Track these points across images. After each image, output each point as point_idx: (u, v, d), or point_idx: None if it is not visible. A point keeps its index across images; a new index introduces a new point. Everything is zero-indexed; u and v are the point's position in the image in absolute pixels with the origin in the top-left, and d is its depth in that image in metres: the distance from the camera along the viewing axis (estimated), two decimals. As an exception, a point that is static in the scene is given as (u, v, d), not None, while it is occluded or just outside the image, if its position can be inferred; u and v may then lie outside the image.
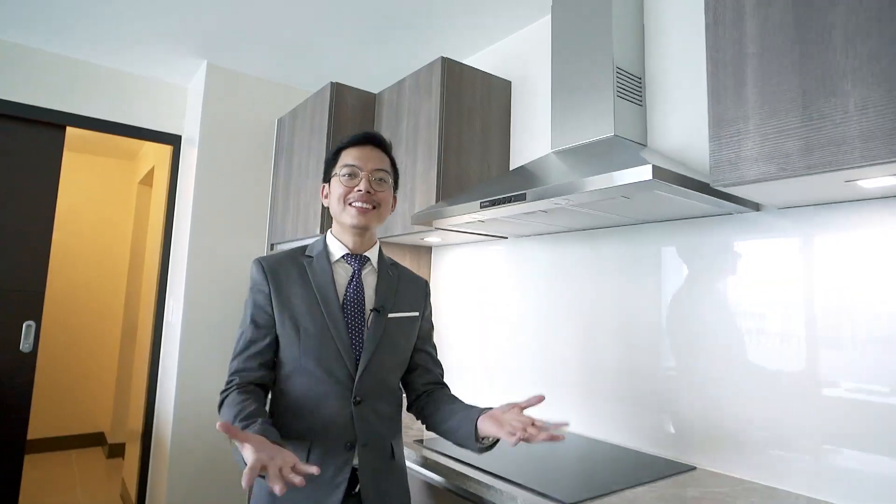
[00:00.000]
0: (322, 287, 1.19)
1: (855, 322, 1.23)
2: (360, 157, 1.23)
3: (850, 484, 1.21)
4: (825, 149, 1.00)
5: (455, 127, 2.07)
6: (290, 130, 2.70)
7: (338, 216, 1.24)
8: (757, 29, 1.12)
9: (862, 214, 1.23)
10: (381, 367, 1.20)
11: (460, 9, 2.14)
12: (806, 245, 1.33)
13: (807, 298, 1.31)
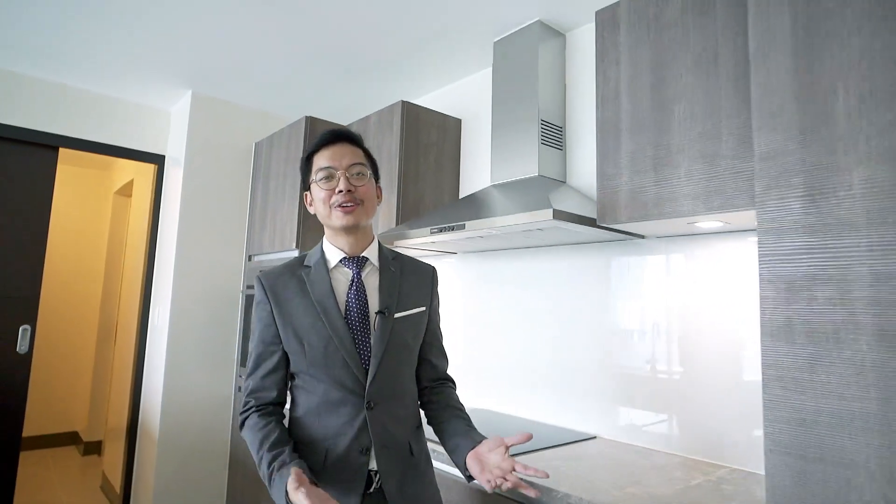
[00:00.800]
0: (321, 298, 1.17)
1: (697, 315, 1.66)
2: (332, 157, 1.19)
3: (633, 429, 1.63)
4: (667, 203, 1.42)
5: (413, 159, 2.44)
6: (268, 154, 3.02)
7: (326, 221, 1.21)
8: (629, 110, 1.54)
9: (702, 243, 1.66)
10: (392, 369, 1.19)
11: (418, 57, 2.51)
12: (669, 261, 1.75)
13: (668, 297, 1.74)
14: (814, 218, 0.95)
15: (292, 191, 2.70)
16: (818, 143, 0.96)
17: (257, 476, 2.68)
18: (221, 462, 3.02)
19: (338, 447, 1.13)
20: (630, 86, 1.54)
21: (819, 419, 0.92)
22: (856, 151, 0.91)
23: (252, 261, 3.07)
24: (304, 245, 2.62)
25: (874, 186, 0.89)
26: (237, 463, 2.93)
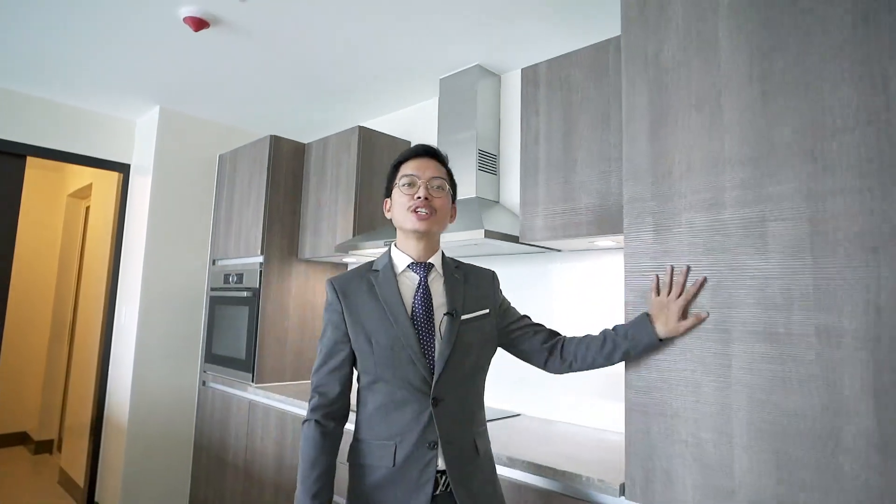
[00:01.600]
0: (389, 300, 1.24)
1: (596, 309, 2.08)
2: (417, 167, 1.28)
3: (551, 407, 2.05)
4: (571, 227, 1.82)
5: (368, 177, 2.78)
6: (232, 166, 3.28)
7: (401, 224, 1.27)
8: (545, 153, 1.94)
9: (601, 256, 2.09)
10: (458, 368, 1.24)
11: (373, 86, 2.84)
12: (579, 268, 2.17)
13: (578, 296, 2.16)
14: (658, 245, 1.36)
15: (257, 201, 2.97)
16: (662, 195, 1.37)
17: (220, 462, 2.95)
18: (187, 450, 3.26)
19: (406, 443, 1.18)
20: (546, 134, 1.94)
21: (660, 386, 1.33)
22: (683, 202, 1.33)
23: (216, 265, 3.31)
24: (269, 251, 2.90)
25: (694, 227, 1.30)
26: (201, 449, 3.17)
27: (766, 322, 1.18)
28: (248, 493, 2.72)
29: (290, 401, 2.51)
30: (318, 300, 3.12)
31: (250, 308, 2.91)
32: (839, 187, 1.11)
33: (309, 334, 3.07)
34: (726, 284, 1.24)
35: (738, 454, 1.19)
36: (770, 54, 1.23)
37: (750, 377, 1.19)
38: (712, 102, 1.31)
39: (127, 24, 2.27)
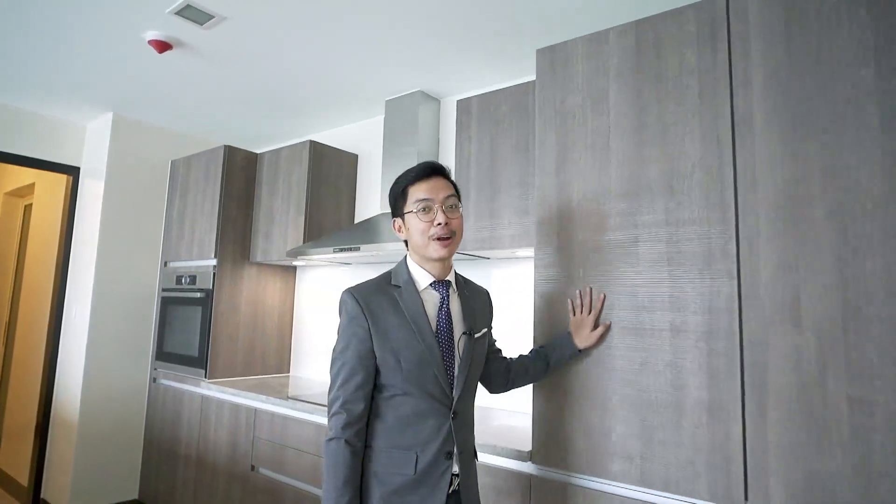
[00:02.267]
0: (416, 318, 1.28)
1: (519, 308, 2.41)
2: (430, 190, 1.30)
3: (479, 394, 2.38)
4: (496, 239, 2.14)
5: (317, 188, 3.01)
6: (185, 172, 3.42)
7: (422, 250, 1.31)
8: (475, 175, 2.25)
9: (523, 263, 2.42)
10: (472, 383, 1.35)
11: (324, 103, 3.07)
12: (504, 273, 2.50)
13: (502, 298, 2.49)
14: (560, 259, 1.69)
15: (211, 207, 3.15)
16: (564, 218, 1.70)
17: (171, 454, 3.11)
18: (137, 444, 3.38)
19: (427, 453, 1.24)
20: (476, 158, 2.26)
21: (558, 373, 1.65)
22: (579, 225, 1.66)
23: (168, 266, 3.45)
24: (222, 255, 3.08)
25: (586, 245, 1.64)
26: (151, 443, 3.31)
27: (635, 320, 1.53)
28: (200, 481, 2.90)
29: (242, 394, 2.72)
30: (268, 300, 3.33)
31: (203, 308, 3.08)
32: (688, 217, 1.47)
33: (259, 332, 3.27)
34: (608, 291, 1.59)
35: (614, 424, 1.53)
36: (643, 111, 1.58)
37: (623, 363, 1.54)
38: (603, 145, 1.65)
39: (92, 41, 2.42)
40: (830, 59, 1.32)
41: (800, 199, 1.32)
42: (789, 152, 1.35)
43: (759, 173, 1.39)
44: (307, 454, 2.38)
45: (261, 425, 2.61)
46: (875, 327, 1.20)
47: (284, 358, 3.41)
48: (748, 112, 1.42)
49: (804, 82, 1.35)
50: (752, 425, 1.33)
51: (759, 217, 1.37)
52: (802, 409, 1.27)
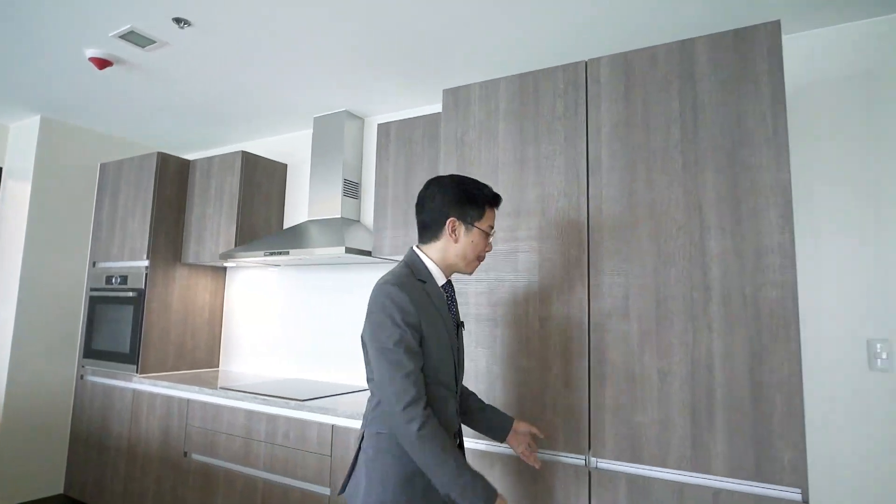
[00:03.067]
0: (442, 311, 1.39)
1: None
2: (495, 219, 1.52)
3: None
4: (407, 246, 2.50)
5: (249, 194, 3.24)
6: (116, 175, 3.54)
7: (461, 261, 1.44)
8: (392, 192, 2.59)
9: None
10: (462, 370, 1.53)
11: (255, 115, 3.31)
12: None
13: (422, 305, 2.85)
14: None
15: (143, 211, 3.30)
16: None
17: (99, 448, 3.24)
18: (63, 441, 3.46)
19: (448, 433, 1.37)
20: (394, 176, 2.60)
21: (456, 357, 2.03)
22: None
23: (97, 267, 3.55)
24: (154, 256, 3.25)
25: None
26: (78, 438, 3.40)
27: (514, 313, 1.93)
28: (130, 471, 3.06)
29: (176, 386, 2.92)
30: (199, 299, 3.51)
31: (135, 307, 3.23)
32: (554, 234, 1.89)
33: (190, 329, 3.45)
34: (496, 291, 1.98)
35: (500, 395, 1.93)
36: (525, 147, 1.99)
37: (503, 349, 1.94)
38: (494, 172, 2.04)
39: (31, 52, 2.54)
40: (652, 119, 1.77)
41: (630, 223, 1.76)
42: (625, 188, 1.79)
43: (603, 203, 1.82)
44: (238, 438, 2.63)
45: (193, 414, 2.83)
46: (675, 318, 1.66)
47: (214, 353, 3.61)
48: (598, 154, 1.85)
49: (635, 134, 1.79)
50: (594, 392, 1.76)
51: (602, 235, 1.81)
52: (628, 378, 1.71)
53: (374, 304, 1.33)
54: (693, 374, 1.63)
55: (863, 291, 2.00)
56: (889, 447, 1.91)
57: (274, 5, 2.07)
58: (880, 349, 1.92)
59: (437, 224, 1.43)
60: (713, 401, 1.60)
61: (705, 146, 1.69)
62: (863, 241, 2.01)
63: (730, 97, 1.68)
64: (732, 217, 1.63)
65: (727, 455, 1.56)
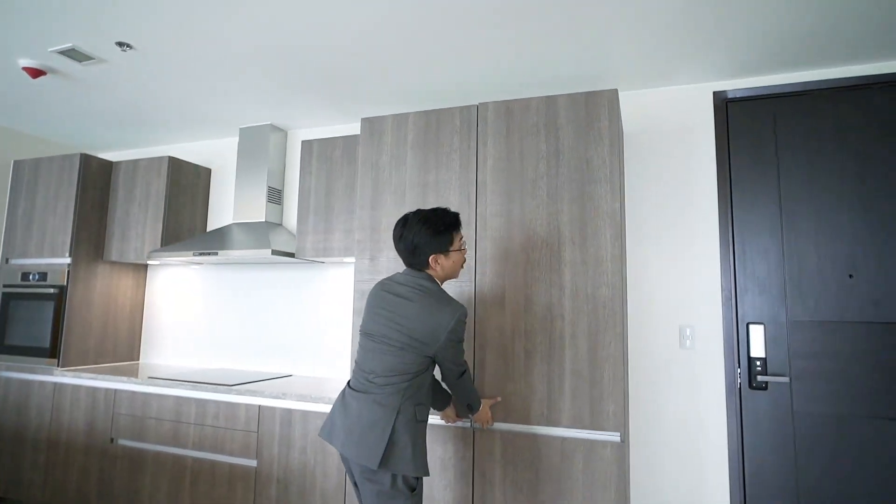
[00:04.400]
0: None
1: (341, 304, 3.18)
2: (461, 234, 2.03)
3: (314, 368, 3.15)
4: (329, 250, 2.88)
5: (175, 196, 3.46)
6: (33, 173, 3.59)
7: (453, 275, 1.95)
8: (314, 202, 2.96)
9: (348, 266, 3.19)
10: None
11: (181, 121, 3.51)
12: (337, 274, 3.24)
13: (332, 294, 3.23)
14: (372, 267, 2.49)
15: (65, 210, 3.41)
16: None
17: (15, 441, 3.32)
18: None
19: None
20: (315, 189, 2.97)
21: (369, 343, 2.45)
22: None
23: (9, 263, 3.59)
24: (76, 254, 3.38)
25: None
26: None
27: (417, 308, 2.38)
28: (51, 461, 3.19)
29: (102, 377, 3.10)
30: (120, 296, 3.66)
31: (55, 302, 3.35)
32: (450, 244, 2.36)
33: (111, 325, 3.60)
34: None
35: (403, 374, 2.36)
36: (427, 173, 2.44)
37: (409, 335, 2.38)
38: (402, 193, 2.48)
39: (-45, 58, 2.64)
40: (525, 156, 2.29)
41: (506, 237, 2.27)
42: (504, 209, 2.29)
43: (487, 220, 2.32)
44: (168, 422, 2.89)
45: (121, 403, 3.03)
46: (536, 310, 2.18)
47: (135, 347, 3.77)
48: (484, 181, 2.34)
49: (513, 167, 2.30)
50: (478, 368, 2.26)
51: (486, 247, 2.30)
52: (502, 355, 2.22)
53: (451, 315, 1.83)
54: (550, 351, 2.17)
55: (675, 290, 2.64)
56: (692, 402, 2.55)
57: (206, 35, 2.37)
58: (688, 333, 2.57)
59: (422, 260, 1.89)
60: (563, 371, 2.14)
61: (563, 180, 2.23)
62: (675, 254, 2.66)
63: (581, 143, 2.23)
64: (580, 234, 2.18)
65: (571, 411, 2.11)
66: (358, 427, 1.77)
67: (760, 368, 2.43)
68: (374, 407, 1.78)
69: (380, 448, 1.72)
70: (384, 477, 1.75)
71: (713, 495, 2.46)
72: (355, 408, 1.81)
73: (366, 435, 1.75)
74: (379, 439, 1.73)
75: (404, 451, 1.74)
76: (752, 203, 2.54)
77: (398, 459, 1.73)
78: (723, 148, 2.61)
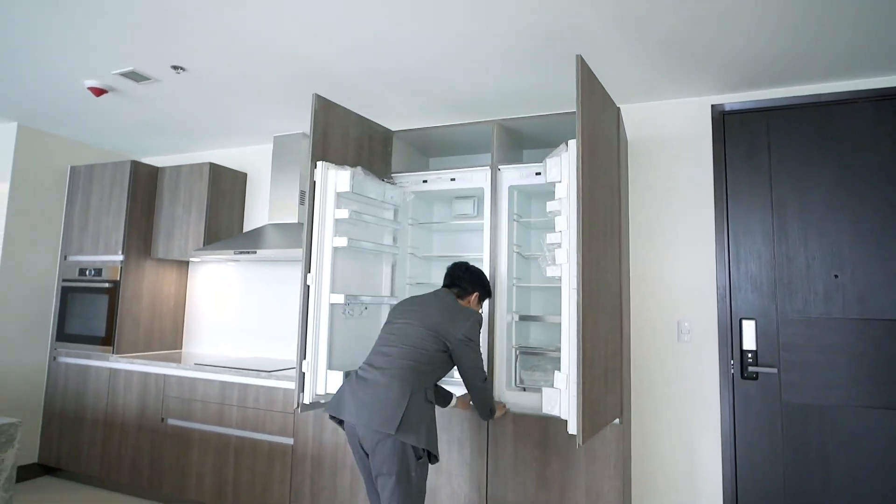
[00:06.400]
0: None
1: (378, 304, 3.46)
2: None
3: (372, 361, 3.44)
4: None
5: (214, 199, 3.78)
6: (88, 178, 3.95)
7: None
8: (344, 203, 3.25)
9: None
10: None
11: (221, 130, 3.82)
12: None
13: (365, 295, 3.52)
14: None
15: (117, 211, 3.76)
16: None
17: (75, 420, 3.68)
18: (36, 416, 3.86)
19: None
20: (345, 192, 3.26)
21: (395, 334, 2.73)
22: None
23: (68, 260, 3.95)
24: (128, 252, 3.72)
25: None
26: (52, 413, 3.82)
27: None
28: (108, 439, 3.54)
29: (154, 364, 3.43)
30: (165, 289, 4.00)
31: (110, 296, 3.69)
32: (467, 245, 2.62)
33: (158, 316, 3.94)
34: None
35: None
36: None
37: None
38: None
39: (27, 77, 2.97)
40: (536, 167, 2.53)
41: (519, 239, 2.52)
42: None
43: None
44: (213, 404, 3.21)
45: (170, 387, 3.36)
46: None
47: (178, 337, 4.11)
48: (499, 189, 2.60)
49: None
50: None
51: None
52: (514, 347, 2.48)
53: (467, 316, 2.16)
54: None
55: (674, 287, 2.86)
56: (689, 390, 2.78)
57: (249, 57, 2.65)
58: (686, 327, 2.80)
59: (467, 292, 2.30)
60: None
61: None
62: (674, 254, 2.88)
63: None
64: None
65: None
66: (375, 398, 1.96)
67: (752, 360, 2.65)
68: (392, 381, 1.98)
69: (397, 415, 1.91)
70: (396, 444, 1.91)
71: (707, 474, 2.70)
72: (371, 381, 2.01)
73: (384, 403, 1.94)
74: (395, 407, 1.92)
75: (419, 426, 1.94)
76: (747, 207, 2.75)
77: (412, 430, 1.92)
78: (720, 156, 2.82)
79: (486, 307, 2.57)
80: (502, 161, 2.72)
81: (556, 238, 2.09)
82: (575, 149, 1.93)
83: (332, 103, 2.56)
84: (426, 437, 1.96)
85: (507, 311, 2.60)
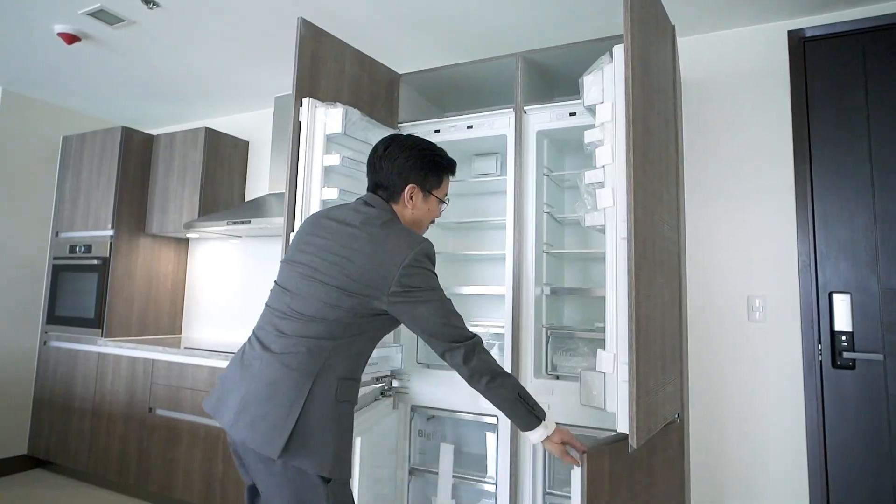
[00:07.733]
0: None
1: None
2: (449, 187, 1.51)
3: (382, 346, 3.01)
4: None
5: (211, 168, 3.41)
6: (79, 148, 3.64)
7: (420, 224, 1.46)
8: (348, 164, 2.82)
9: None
10: None
11: (219, 94, 3.46)
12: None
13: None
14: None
15: (108, 183, 3.43)
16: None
17: (64, 409, 3.38)
18: (26, 404, 3.58)
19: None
20: (349, 151, 2.84)
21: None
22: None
23: (59, 237, 3.66)
24: (119, 226, 3.39)
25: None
26: (42, 401, 3.53)
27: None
28: (96, 429, 3.22)
29: (141, 347, 3.09)
30: (162, 268, 3.67)
31: (99, 274, 3.37)
32: (487, 203, 2.16)
33: (153, 297, 3.61)
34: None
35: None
36: (462, 127, 2.25)
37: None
38: (436, 149, 2.30)
39: (8, 44, 2.66)
40: (570, 103, 2.06)
41: (550, 192, 2.05)
42: (546, 162, 2.07)
43: (528, 174, 2.10)
44: (202, 392, 2.83)
45: (158, 373, 3.01)
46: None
47: (177, 321, 3.77)
48: (525, 133, 2.13)
49: (556, 117, 2.08)
50: (517, 338, 2.06)
51: (527, 203, 2.09)
52: (544, 325, 2.01)
53: (409, 246, 1.31)
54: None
55: (743, 255, 2.34)
56: (763, 381, 2.25)
57: (237, -10, 2.26)
58: (758, 304, 2.27)
59: (395, 188, 1.40)
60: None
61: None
62: (742, 215, 2.35)
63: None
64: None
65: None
66: (255, 398, 1.27)
67: (846, 344, 2.11)
68: (281, 371, 1.27)
69: (284, 428, 1.22)
70: (288, 472, 1.25)
71: (789, 485, 2.17)
72: (254, 371, 1.30)
73: (264, 409, 1.25)
74: (281, 417, 1.23)
75: (317, 440, 1.24)
76: (836, 157, 2.21)
77: (308, 451, 1.23)
78: (800, 95, 2.28)
79: (508, 272, 2.10)
80: (529, 101, 2.24)
81: (597, 176, 1.61)
82: (623, 53, 1.45)
83: (323, 31, 2.13)
84: (333, 457, 1.25)
85: (536, 283, 2.13)
